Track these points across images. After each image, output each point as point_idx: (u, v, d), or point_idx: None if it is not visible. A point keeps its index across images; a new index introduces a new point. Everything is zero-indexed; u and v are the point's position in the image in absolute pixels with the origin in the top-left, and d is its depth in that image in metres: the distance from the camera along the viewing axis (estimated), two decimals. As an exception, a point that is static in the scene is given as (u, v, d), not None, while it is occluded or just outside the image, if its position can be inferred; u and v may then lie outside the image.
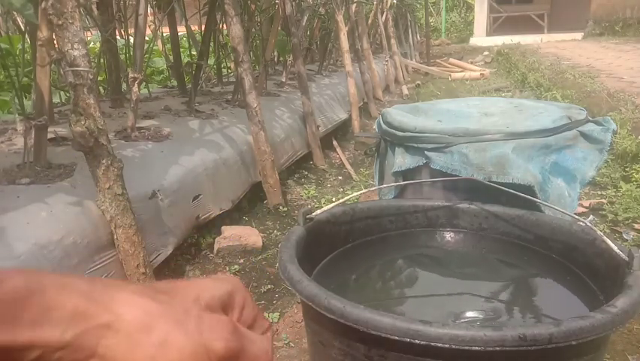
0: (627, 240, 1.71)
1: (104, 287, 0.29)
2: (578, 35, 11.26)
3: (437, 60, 8.70)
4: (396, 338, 0.55)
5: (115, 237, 1.27)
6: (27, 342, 0.25)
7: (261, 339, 0.34)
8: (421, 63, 8.18)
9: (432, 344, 0.54)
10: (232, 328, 0.31)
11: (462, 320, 0.75)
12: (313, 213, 0.87)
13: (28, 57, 2.03)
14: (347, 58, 3.73)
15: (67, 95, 2.41)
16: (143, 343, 0.27)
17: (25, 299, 0.25)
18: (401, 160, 1.15)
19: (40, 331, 0.25)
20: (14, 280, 0.25)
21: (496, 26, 13.43)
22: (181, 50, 2.99)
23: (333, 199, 2.32)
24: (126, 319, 0.27)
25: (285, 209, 2.16)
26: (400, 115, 1.26)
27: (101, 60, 2.39)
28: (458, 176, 1.05)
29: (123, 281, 0.33)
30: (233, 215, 2.05)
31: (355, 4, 4.49)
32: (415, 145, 1.13)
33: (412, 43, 9.25)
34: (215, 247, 1.76)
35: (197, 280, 0.35)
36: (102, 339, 0.27)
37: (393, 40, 6.42)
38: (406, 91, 5.51)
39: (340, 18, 3.74)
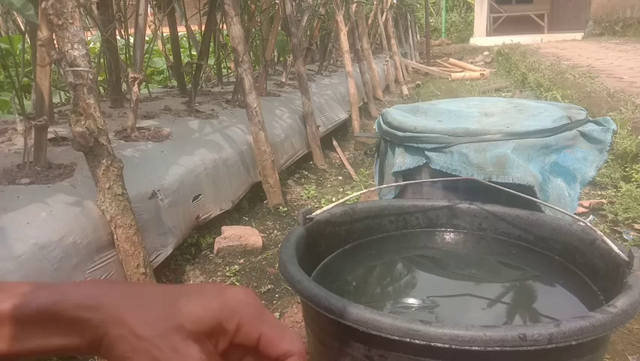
0: (627, 240, 1.71)
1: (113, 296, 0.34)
2: (578, 35, 11.27)
3: (437, 60, 8.70)
4: (396, 338, 0.55)
5: (115, 237, 1.27)
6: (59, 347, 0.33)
7: None
8: (421, 63, 8.19)
9: (432, 344, 0.54)
10: None
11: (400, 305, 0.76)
12: (313, 214, 0.87)
13: (28, 57, 2.03)
14: (347, 58, 3.73)
15: (67, 95, 2.41)
16: None
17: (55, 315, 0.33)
18: (401, 160, 1.15)
19: (67, 339, 0.34)
20: (41, 299, 0.33)
21: (496, 26, 13.43)
22: (181, 50, 2.99)
23: (333, 199, 2.32)
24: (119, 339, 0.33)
25: (285, 209, 2.16)
26: (400, 115, 1.26)
27: (101, 60, 2.39)
28: (458, 176, 1.05)
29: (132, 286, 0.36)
30: (233, 215, 2.05)
31: (355, 4, 4.49)
32: (415, 145, 1.13)
33: (412, 43, 9.25)
34: (215, 247, 1.76)
35: (194, 294, 0.35)
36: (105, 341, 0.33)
37: (393, 41, 6.42)
38: (406, 91, 5.51)
39: (340, 18, 3.74)
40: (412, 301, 0.78)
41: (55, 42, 1.18)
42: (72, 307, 0.33)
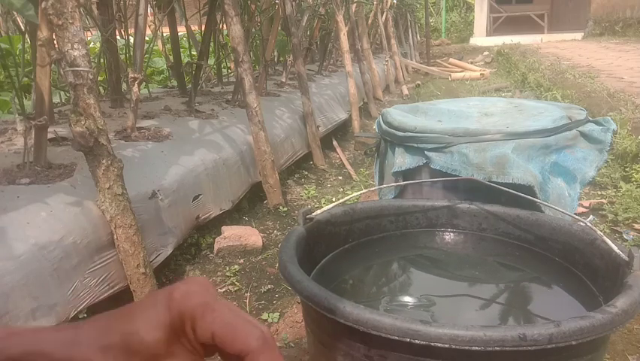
0: (627, 240, 1.71)
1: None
2: (578, 35, 11.27)
3: (437, 60, 8.70)
4: (396, 338, 0.55)
5: (115, 237, 1.27)
6: None
7: None
8: (421, 63, 8.19)
9: (432, 344, 0.54)
10: None
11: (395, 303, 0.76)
12: (313, 214, 0.87)
13: (28, 57, 2.03)
14: (347, 58, 3.73)
15: (67, 95, 2.41)
16: None
17: None
18: (401, 160, 1.15)
19: None
20: (11, 349, 0.33)
21: (496, 26, 13.43)
22: (181, 50, 2.99)
23: (333, 199, 2.32)
24: None
25: (285, 209, 2.16)
26: (400, 115, 1.26)
27: (101, 60, 2.39)
28: (458, 176, 1.05)
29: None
30: (233, 215, 2.05)
31: (355, 4, 4.49)
32: (415, 145, 1.13)
33: (412, 43, 9.25)
34: (215, 247, 1.76)
35: (147, 314, 0.35)
36: None
37: (393, 41, 6.42)
38: (406, 91, 5.51)
39: (340, 18, 3.74)
40: (407, 299, 0.78)
41: (55, 42, 1.18)
42: (43, 358, 0.33)
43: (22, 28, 1.90)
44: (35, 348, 0.33)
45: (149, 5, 2.06)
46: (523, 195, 0.88)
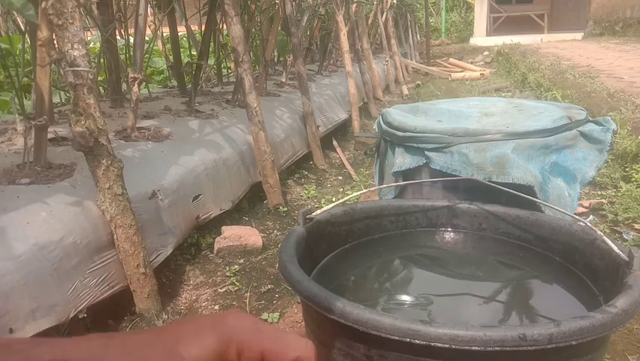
0: (627, 240, 1.71)
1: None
2: (578, 35, 11.27)
3: (437, 60, 8.70)
4: (396, 338, 0.55)
5: (115, 237, 1.27)
6: None
7: None
8: (421, 63, 8.19)
9: (432, 344, 0.54)
10: None
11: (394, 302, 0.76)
12: (313, 214, 0.87)
13: (28, 57, 2.03)
14: (347, 58, 3.73)
15: (67, 95, 2.41)
16: None
17: None
18: (401, 160, 1.15)
19: None
20: (41, 358, 0.31)
21: (496, 26, 13.44)
22: (181, 50, 2.99)
23: (333, 199, 2.32)
24: None
25: (285, 209, 2.16)
26: (400, 115, 1.26)
27: (101, 60, 2.39)
28: (458, 176, 1.05)
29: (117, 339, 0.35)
30: (233, 215, 2.05)
31: (355, 4, 4.49)
32: (415, 145, 1.13)
33: (412, 43, 9.25)
34: (215, 247, 1.76)
35: (191, 335, 0.35)
36: None
37: (393, 41, 6.42)
38: (406, 91, 5.51)
39: (340, 18, 3.74)
40: (405, 298, 0.78)
41: (55, 42, 1.18)
42: None
43: (22, 28, 1.90)
44: (64, 355, 0.33)
45: (149, 5, 2.06)
46: (523, 195, 0.88)
